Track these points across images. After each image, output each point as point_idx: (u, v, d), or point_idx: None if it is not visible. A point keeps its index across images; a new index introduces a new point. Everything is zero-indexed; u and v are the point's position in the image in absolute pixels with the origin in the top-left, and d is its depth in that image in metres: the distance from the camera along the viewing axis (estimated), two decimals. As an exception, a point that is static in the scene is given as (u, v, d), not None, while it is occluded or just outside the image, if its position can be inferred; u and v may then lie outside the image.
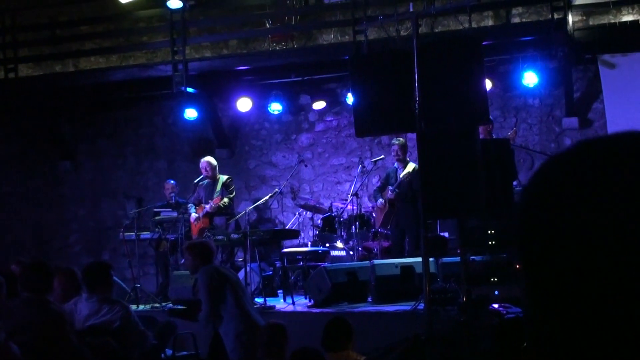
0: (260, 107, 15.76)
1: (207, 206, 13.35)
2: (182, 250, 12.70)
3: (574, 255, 1.07)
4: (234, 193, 13.83)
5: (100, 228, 17.19)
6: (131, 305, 9.71)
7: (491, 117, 12.00)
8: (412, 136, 11.14)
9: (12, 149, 17.75)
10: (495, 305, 9.00)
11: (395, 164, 13.05)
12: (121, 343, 7.55)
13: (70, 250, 17.41)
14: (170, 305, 11.64)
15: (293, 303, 11.72)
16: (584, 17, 14.19)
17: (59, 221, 17.55)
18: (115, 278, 12.81)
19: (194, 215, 13.49)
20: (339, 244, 13.48)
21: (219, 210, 13.40)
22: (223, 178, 13.73)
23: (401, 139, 13.00)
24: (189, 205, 13.73)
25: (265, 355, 7.19)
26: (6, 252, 16.77)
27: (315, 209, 14.46)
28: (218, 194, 13.44)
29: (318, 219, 14.21)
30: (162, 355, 8.96)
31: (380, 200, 12.93)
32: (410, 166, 12.67)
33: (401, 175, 12.73)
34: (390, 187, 12.78)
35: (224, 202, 13.37)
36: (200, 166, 13.77)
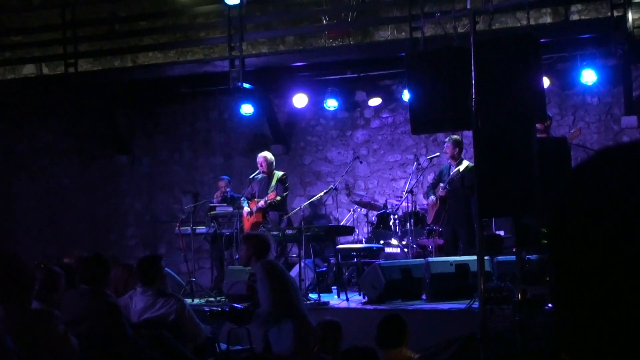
0: (316, 103, 15.80)
1: (262, 201, 13.38)
2: (237, 244, 12.74)
3: (599, 256, 1.08)
4: (288, 190, 13.86)
5: (156, 222, 17.34)
6: (186, 299, 9.79)
7: (549, 114, 11.92)
8: (468, 134, 11.09)
9: (71, 142, 17.98)
10: (551, 305, 8.92)
11: (449, 161, 13.00)
12: (176, 336, 7.62)
13: (126, 243, 17.60)
14: (216, 307, 11.59)
15: (347, 299, 11.72)
16: (645, 15, 14.01)
17: (115, 214, 17.75)
18: (171, 272, 13.00)
19: (246, 209, 13.54)
20: (394, 241, 13.47)
21: (271, 206, 13.43)
22: (279, 174, 13.75)
23: (454, 136, 12.94)
24: (242, 199, 13.78)
25: (320, 352, 7.20)
26: (64, 245, 16.99)
27: (370, 206, 14.45)
28: (273, 189, 13.46)
29: (373, 216, 14.20)
30: (217, 349, 8.99)
31: (432, 197, 12.89)
32: (464, 164, 12.61)
33: (452, 172, 12.69)
34: (441, 184, 12.74)
35: (276, 200, 13.39)
36: (257, 161, 13.82)
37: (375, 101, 15.67)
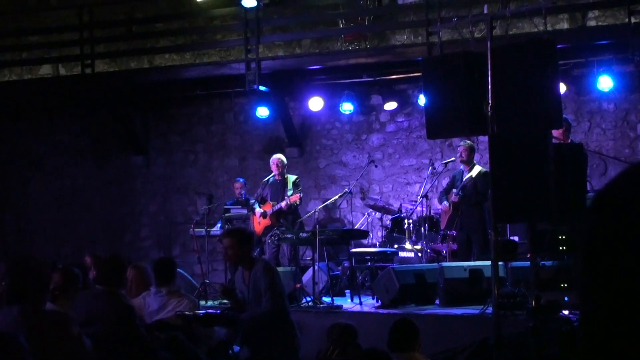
0: (332, 106, 15.80)
1: (283, 203, 13.34)
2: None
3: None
4: (302, 194, 13.86)
5: (171, 223, 17.37)
6: (200, 301, 9.79)
7: (569, 120, 11.89)
8: (484, 139, 11.07)
9: (87, 143, 18.04)
10: (566, 312, 8.89)
11: (462, 167, 12.98)
12: (190, 338, 7.62)
13: (140, 244, 17.63)
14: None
15: (360, 303, 11.71)
16: (662, 21, 13.95)
17: (130, 215, 17.79)
18: (184, 273, 13.02)
19: (258, 211, 13.54)
20: (408, 246, 13.44)
21: (290, 209, 13.41)
22: (292, 177, 13.76)
23: (468, 141, 12.92)
24: (252, 201, 13.79)
25: (333, 355, 7.18)
26: (79, 245, 17.05)
27: (384, 210, 14.43)
28: (292, 192, 13.45)
29: (387, 220, 14.18)
30: (230, 352, 8.98)
31: (445, 203, 12.87)
32: (476, 169, 12.60)
33: (465, 179, 12.67)
34: (454, 190, 12.72)
35: (297, 203, 13.40)
36: (271, 162, 13.84)
37: (390, 105, 15.67)
